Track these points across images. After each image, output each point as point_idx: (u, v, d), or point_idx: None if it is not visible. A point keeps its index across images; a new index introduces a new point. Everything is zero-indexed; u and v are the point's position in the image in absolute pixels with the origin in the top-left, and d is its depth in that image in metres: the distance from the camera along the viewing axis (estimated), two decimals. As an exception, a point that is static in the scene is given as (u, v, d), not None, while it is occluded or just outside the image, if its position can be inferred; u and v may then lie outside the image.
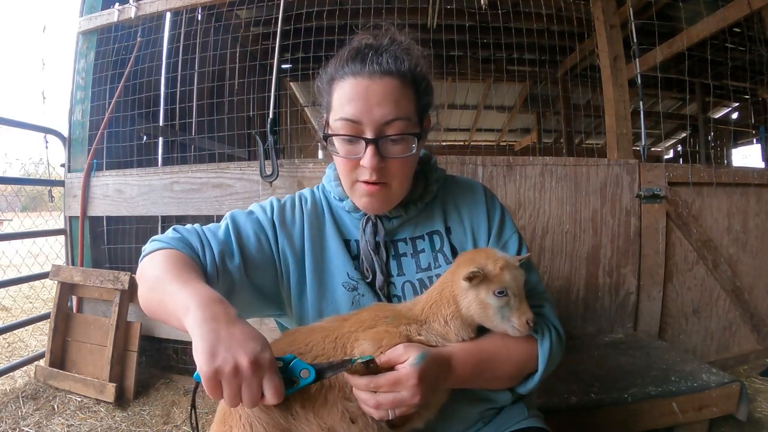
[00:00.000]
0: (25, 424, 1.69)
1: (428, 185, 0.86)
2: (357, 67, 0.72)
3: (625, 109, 2.08)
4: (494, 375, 0.72)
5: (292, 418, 0.62)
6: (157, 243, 0.71)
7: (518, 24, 3.43)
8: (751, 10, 2.25)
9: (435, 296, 0.71)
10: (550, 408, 1.28)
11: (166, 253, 0.68)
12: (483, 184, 0.90)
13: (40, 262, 2.50)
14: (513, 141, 8.49)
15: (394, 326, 0.68)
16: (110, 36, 2.39)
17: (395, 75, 0.72)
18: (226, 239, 0.75)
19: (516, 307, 0.69)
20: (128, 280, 1.94)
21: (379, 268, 0.79)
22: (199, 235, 0.73)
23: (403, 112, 0.72)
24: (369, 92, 0.71)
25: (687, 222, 2.01)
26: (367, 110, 0.71)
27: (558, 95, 5.10)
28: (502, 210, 0.88)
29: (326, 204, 0.87)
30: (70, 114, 2.35)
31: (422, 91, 0.77)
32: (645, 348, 1.74)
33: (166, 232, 0.75)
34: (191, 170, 2.13)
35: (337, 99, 0.74)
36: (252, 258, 0.76)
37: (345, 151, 0.75)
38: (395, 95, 0.72)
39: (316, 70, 0.83)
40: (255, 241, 0.78)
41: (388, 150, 0.73)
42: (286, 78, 4.61)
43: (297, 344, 0.66)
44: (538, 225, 1.96)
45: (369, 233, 0.81)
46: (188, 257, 0.69)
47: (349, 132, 0.72)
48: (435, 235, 0.84)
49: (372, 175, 0.73)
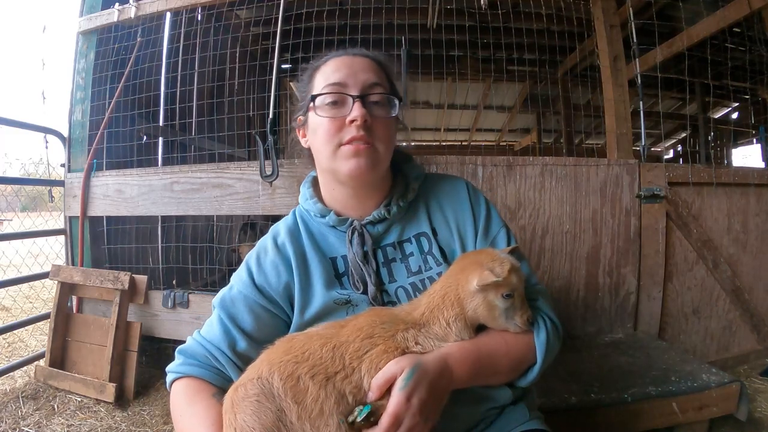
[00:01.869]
0: (25, 424, 1.69)
1: (409, 183, 0.87)
2: (339, 51, 0.83)
3: (625, 109, 2.08)
4: (494, 370, 0.73)
5: (286, 429, 0.61)
6: (171, 375, 0.79)
7: (518, 24, 3.43)
8: (751, 10, 2.25)
9: (437, 300, 0.71)
10: (550, 408, 1.28)
11: (177, 388, 0.77)
12: (465, 180, 0.91)
13: (40, 262, 2.50)
14: (513, 141, 8.48)
15: (391, 335, 0.67)
16: (110, 36, 2.39)
17: (371, 58, 0.83)
18: (224, 331, 0.79)
19: (519, 307, 0.71)
20: (128, 280, 1.94)
21: (370, 278, 0.79)
22: (203, 346, 0.79)
23: (381, 80, 0.81)
24: (353, 62, 0.80)
25: (687, 222, 2.01)
26: (353, 74, 0.79)
27: (558, 95, 5.10)
28: (487, 204, 0.88)
29: (304, 227, 0.87)
30: (70, 114, 2.35)
31: (392, 80, 0.85)
32: (645, 348, 1.74)
33: (177, 352, 0.82)
34: (191, 170, 2.13)
35: (320, 77, 0.81)
36: (255, 331, 0.80)
37: (331, 114, 0.78)
38: (375, 68, 0.81)
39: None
40: (249, 315, 0.80)
41: (372, 110, 0.78)
42: (286, 78, 4.61)
43: (294, 352, 0.66)
44: (538, 225, 1.96)
45: (356, 244, 0.81)
46: (198, 383, 0.76)
47: (336, 92, 0.78)
48: (422, 237, 0.84)
49: (360, 130, 0.76)
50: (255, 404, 0.62)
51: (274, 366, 0.65)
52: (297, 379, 0.63)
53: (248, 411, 0.62)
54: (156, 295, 2.12)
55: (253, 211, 2.05)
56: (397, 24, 3.27)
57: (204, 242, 2.51)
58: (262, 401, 0.62)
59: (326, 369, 0.63)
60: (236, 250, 2.62)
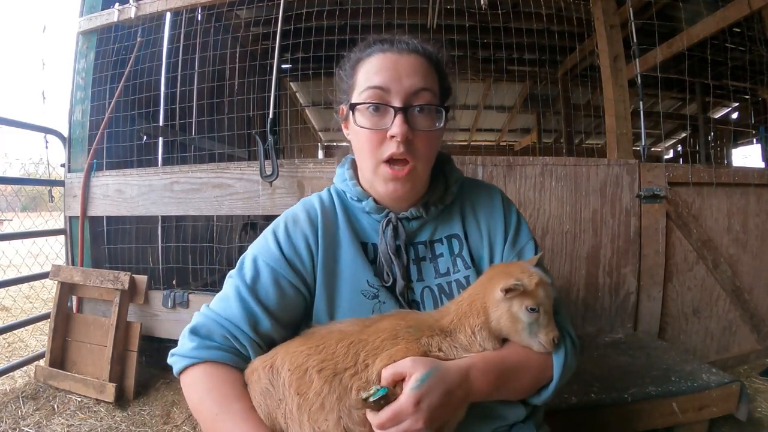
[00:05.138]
0: (25, 424, 1.69)
1: (449, 186, 0.85)
2: (386, 45, 0.76)
3: (625, 109, 2.08)
4: (514, 386, 0.70)
5: (284, 418, 0.62)
6: (184, 360, 0.69)
7: (518, 24, 3.44)
8: (751, 10, 2.25)
9: (465, 307, 0.70)
10: (550, 408, 1.27)
11: (196, 375, 0.68)
12: (500, 189, 0.89)
13: (40, 262, 2.50)
14: (513, 141, 8.49)
15: (415, 338, 0.66)
16: (110, 36, 2.39)
17: (421, 53, 0.76)
18: (245, 307, 0.72)
19: (544, 324, 0.68)
20: (128, 280, 1.94)
21: (400, 272, 0.77)
22: (220, 325, 0.71)
23: (429, 84, 0.74)
24: (398, 64, 0.73)
25: (687, 222, 2.01)
26: (396, 79, 0.72)
27: (558, 95, 5.10)
28: (518, 217, 0.86)
29: (340, 204, 0.84)
30: (70, 114, 2.35)
31: (444, 74, 0.80)
32: (645, 348, 1.74)
33: (184, 339, 0.72)
34: (191, 170, 2.13)
35: (363, 74, 0.76)
36: (279, 310, 0.74)
37: (371, 123, 0.74)
38: (423, 69, 0.74)
39: (316, 70, 0.84)
40: (275, 292, 0.74)
41: (416, 122, 0.73)
42: (286, 78, 4.62)
43: (309, 344, 0.67)
44: (538, 225, 1.96)
45: (389, 236, 0.78)
46: (222, 370, 0.68)
47: (376, 100, 0.73)
48: (454, 239, 0.83)
49: (400, 147, 0.72)
50: (264, 391, 0.65)
51: (287, 356, 0.66)
52: (305, 371, 0.64)
53: (257, 398, 0.65)
54: (156, 295, 2.12)
55: (253, 211, 2.05)
56: (397, 24, 3.27)
57: (204, 242, 2.51)
58: (270, 390, 0.65)
59: (336, 364, 0.64)
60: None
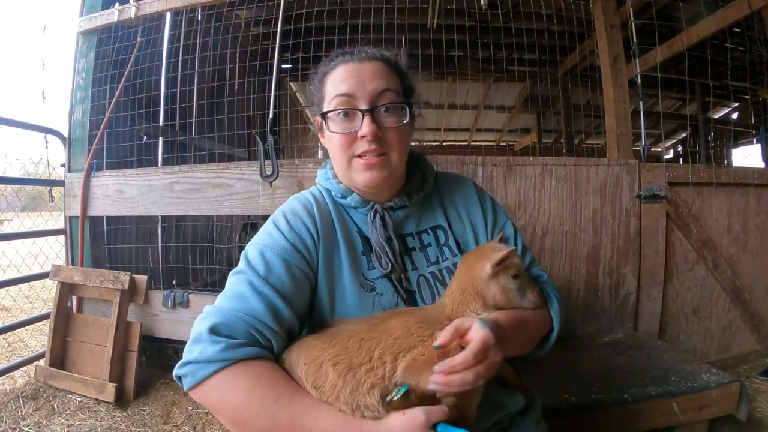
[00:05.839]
0: (25, 424, 1.69)
1: (426, 177, 0.91)
2: (347, 56, 0.82)
3: (625, 109, 2.08)
4: (526, 336, 0.78)
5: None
6: (213, 365, 0.63)
7: (518, 24, 3.43)
8: (751, 10, 2.25)
9: (458, 297, 0.75)
10: (550, 408, 1.28)
11: (236, 375, 0.63)
12: (470, 178, 0.97)
13: (40, 262, 2.50)
14: (513, 141, 8.49)
15: (429, 332, 0.67)
16: (110, 36, 2.38)
17: (380, 59, 0.82)
18: (265, 300, 0.70)
19: (527, 284, 0.78)
20: (128, 280, 1.94)
21: (394, 259, 0.80)
22: (243, 321, 0.67)
23: (392, 85, 0.80)
24: (360, 71, 0.79)
25: (687, 222, 2.01)
26: (360, 84, 0.78)
27: (558, 95, 5.10)
28: (492, 201, 0.95)
29: (332, 202, 0.87)
30: (70, 114, 2.35)
31: (405, 76, 0.86)
32: (645, 348, 1.74)
33: (203, 343, 0.64)
34: (191, 170, 2.13)
35: (330, 85, 0.81)
36: (295, 298, 0.74)
37: (342, 128, 0.79)
38: (383, 73, 0.80)
39: (316, 70, 0.86)
40: (289, 280, 0.74)
41: (383, 121, 0.79)
42: (286, 78, 4.62)
43: (323, 338, 0.69)
44: (538, 225, 1.96)
45: (379, 225, 0.82)
46: (262, 367, 0.65)
47: (344, 106, 0.78)
48: (439, 230, 0.88)
49: (371, 144, 0.77)
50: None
51: (302, 350, 0.68)
52: (320, 364, 0.65)
53: None
54: (156, 295, 2.12)
55: (253, 211, 2.05)
56: (397, 24, 3.27)
57: (204, 242, 2.51)
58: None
59: (351, 359, 0.65)
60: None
